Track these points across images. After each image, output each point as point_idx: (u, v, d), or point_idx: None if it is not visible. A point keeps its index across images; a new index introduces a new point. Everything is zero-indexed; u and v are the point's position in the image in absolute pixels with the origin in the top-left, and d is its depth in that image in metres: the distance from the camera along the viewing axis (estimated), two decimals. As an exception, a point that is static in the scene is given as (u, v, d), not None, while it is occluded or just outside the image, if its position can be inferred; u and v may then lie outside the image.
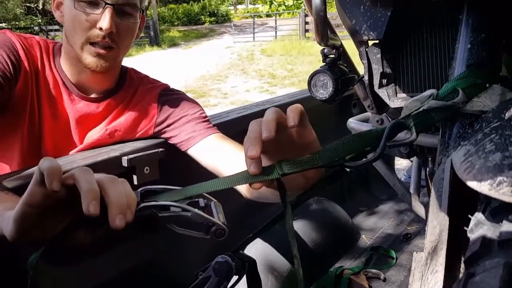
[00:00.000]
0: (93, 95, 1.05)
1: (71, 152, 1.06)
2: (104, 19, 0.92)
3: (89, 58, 0.96)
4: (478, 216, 0.41)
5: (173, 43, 17.85)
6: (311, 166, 0.53)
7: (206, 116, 1.12)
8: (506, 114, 0.48)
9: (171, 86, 1.19)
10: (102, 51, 0.95)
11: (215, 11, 26.18)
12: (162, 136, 1.14)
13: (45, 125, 1.01)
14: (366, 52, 0.86)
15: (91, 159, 1.00)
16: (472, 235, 0.40)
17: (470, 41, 0.61)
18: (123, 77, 1.11)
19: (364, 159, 0.56)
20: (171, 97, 1.13)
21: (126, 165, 1.04)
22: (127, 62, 1.10)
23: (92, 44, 0.95)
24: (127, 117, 1.10)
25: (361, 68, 1.02)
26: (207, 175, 1.04)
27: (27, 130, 0.99)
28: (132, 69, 1.16)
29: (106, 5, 0.92)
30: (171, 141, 1.12)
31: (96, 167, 1.00)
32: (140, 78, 1.15)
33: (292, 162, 0.53)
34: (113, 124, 1.08)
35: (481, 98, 0.58)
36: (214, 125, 1.12)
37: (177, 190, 0.57)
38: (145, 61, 12.25)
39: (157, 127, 1.12)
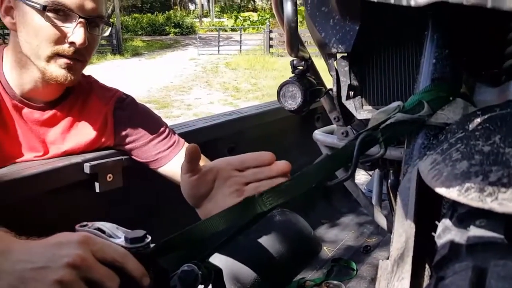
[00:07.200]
0: (37, 103, 0.99)
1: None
2: (78, 34, 0.87)
3: (57, 71, 0.91)
4: (446, 222, 0.42)
5: (136, 53, 17.61)
6: (291, 195, 0.56)
7: (166, 129, 1.08)
8: (470, 126, 0.50)
9: (125, 93, 1.13)
10: (71, 62, 0.91)
11: (180, 23, 26.10)
12: (124, 149, 1.10)
13: None
14: (335, 64, 0.88)
15: (51, 165, 0.97)
16: (440, 241, 0.41)
17: (435, 56, 0.63)
18: None
19: (337, 179, 0.60)
20: (127, 111, 1.08)
21: (88, 172, 1.01)
22: (87, 69, 1.04)
23: (60, 56, 0.90)
24: (83, 134, 1.04)
25: (328, 82, 1.04)
26: (171, 182, 1.02)
27: None
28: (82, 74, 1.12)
29: (80, 19, 0.87)
30: (136, 159, 1.08)
31: (56, 173, 0.96)
32: (90, 83, 1.09)
33: (272, 192, 0.56)
34: (69, 145, 1.03)
35: (445, 111, 0.60)
36: (180, 134, 1.10)
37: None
38: (106, 69, 12.01)
39: (116, 141, 1.08)
